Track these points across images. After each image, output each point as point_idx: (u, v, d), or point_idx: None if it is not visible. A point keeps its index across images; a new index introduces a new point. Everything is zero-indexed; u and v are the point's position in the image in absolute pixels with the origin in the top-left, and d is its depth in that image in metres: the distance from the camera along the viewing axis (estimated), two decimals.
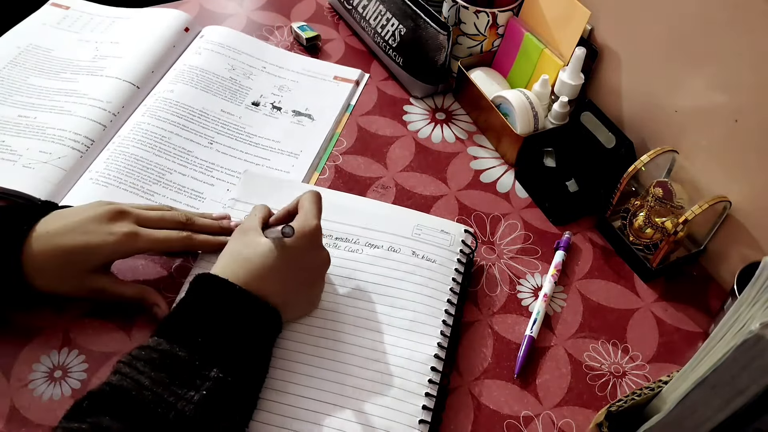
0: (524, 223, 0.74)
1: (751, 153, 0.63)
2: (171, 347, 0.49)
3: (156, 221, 0.61)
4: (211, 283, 0.53)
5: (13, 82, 0.79)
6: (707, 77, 0.65)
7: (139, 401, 0.46)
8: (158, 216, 0.61)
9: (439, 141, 0.82)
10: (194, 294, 0.53)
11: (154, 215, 0.61)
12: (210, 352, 0.49)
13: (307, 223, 0.56)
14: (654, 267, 0.68)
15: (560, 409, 0.59)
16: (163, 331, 0.50)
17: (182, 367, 0.48)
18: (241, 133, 0.79)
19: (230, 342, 0.51)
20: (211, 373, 0.48)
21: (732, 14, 0.61)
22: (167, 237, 0.60)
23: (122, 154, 0.72)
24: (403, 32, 0.84)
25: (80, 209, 0.59)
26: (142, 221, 0.60)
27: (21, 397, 0.55)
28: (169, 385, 0.47)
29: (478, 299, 0.66)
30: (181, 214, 0.62)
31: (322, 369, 0.57)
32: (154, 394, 0.46)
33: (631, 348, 0.64)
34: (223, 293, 0.53)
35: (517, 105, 0.76)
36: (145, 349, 0.49)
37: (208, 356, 0.49)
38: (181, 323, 0.51)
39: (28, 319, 0.60)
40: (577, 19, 0.76)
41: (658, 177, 0.72)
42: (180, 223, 0.62)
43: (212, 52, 0.86)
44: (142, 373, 0.47)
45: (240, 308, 0.52)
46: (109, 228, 0.57)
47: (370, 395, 0.56)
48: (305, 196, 0.59)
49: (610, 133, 0.74)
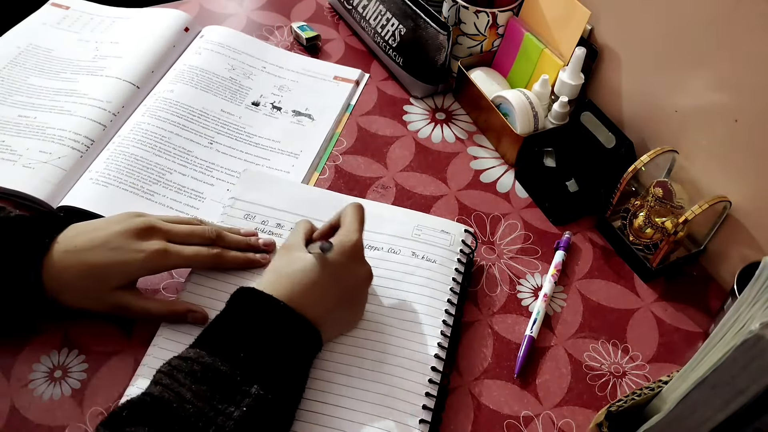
0: (524, 223, 0.74)
1: (751, 153, 0.63)
2: (213, 360, 0.48)
3: (185, 236, 0.60)
4: (254, 298, 0.52)
5: (13, 82, 0.79)
6: (707, 77, 0.65)
7: (179, 414, 0.45)
8: (188, 231, 0.60)
9: (439, 141, 0.82)
10: (237, 307, 0.53)
11: (184, 230, 0.60)
12: (251, 368, 0.48)
13: (348, 237, 0.56)
14: (654, 267, 0.68)
15: (560, 409, 0.59)
16: (204, 343, 0.50)
17: (224, 382, 0.47)
18: (241, 133, 0.79)
19: (272, 359, 0.50)
20: (251, 389, 0.47)
21: (732, 14, 0.61)
22: (197, 253, 0.59)
23: (122, 154, 0.72)
24: (403, 32, 0.84)
25: (108, 223, 0.58)
26: (171, 236, 0.59)
27: (21, 397, 0.55)
28: (210, 400, 0.46)
29: (478, 299, 0.66)
30: (210, 230, 0.61)
31: (322, 370, 0.57)
32: (195, 407, 0.45)
33: (631, 348, 0.64)
34: (266, 309, 0.52)
35: (517, 105, 0.76)
36: (186, 360, 0.48)
37: (250, 372, 0.48)
38: (223, 336, 0.50)
39: (28, 320, 0.59)
40: (577, 19, 0.76)
41: (658, 177, 0.72)
42: (209, 239, 0.61)
43: (212, 52, 0.86)
44: (183, 386, 0.46)
45: (283, 325, 0.52)
46: (138, 245, 0.56)
47: (371, 395, 0.56)
48: (347, 210, 0.58)
49: (610, 133, 0.74)
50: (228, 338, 0.50)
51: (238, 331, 0.51)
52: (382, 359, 0.58)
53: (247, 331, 0.51)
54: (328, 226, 0.60)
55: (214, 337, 0.51)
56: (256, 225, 0.67)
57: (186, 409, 0.45)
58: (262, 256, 0.64)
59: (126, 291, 0.57)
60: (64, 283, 0.55)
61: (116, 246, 0.56)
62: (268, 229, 0.67)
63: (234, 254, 0.62)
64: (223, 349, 0.49)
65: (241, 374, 0.48)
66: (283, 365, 0.50)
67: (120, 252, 0.56)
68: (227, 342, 0.50)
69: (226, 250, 0.62)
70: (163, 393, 0.46)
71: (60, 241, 0.56)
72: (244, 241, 0.64)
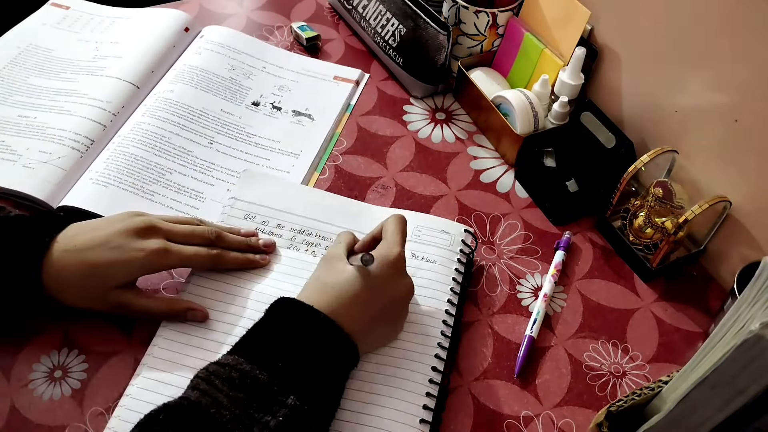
0: (524, 223, 0.74)
1: (751, 153, 0.63)
2: (252, 369, 0.47)
3: (185, 236, 0.60)
4: (295, 308, 0.52)
5: (13, 82, 0.79)
6: (707, 77, 0.65)
7: (216, 420, 0.45)
8: (188, 231, 0.60)
9: (439, 141, 0.82)
10: (277, 316, 0.52)
11: (184, 230, 0.60)
12: (289, 379, 0.48)
13: (390, 250, 0.56)
14: (654, 267, 0.68)
15: (560, 409, 0.59)
16: (243, 350, 0.49)
17: (261, 391, 0.47)
18: (241, 133, 0.79)
19: (309, 370, 0.49)
20: (288, 399, 0.47)
21: (732, 14, 0.61)
22: (197, 253, 0.60)
23: (122, 154, 0.72)
24: (403, 32, 0.84)
25: (108, 222, 0.58)
26: (171, 236, 0.59)
27: (21, 397, 0.55)
28: (246, 408, 0.46)
29: (478, 299, 0.66)
30: (210, 231, 0.61)
31: None
32: (232, 414, 0.45)
33: (631, 348, 0.64)
34: (306, 320, 0.51)
35: (517, 105, 0.76)
36: (224, 366, 0.48)
37: (287, 382, 0.48)
38: (262, 345, 0.50)
39: (28, 320, 0.60)
40: (577, 19, 0.76)
41: (658, 177, 0.72)
42: (209, 240, 0.61)
43: (212, 52, 0.86)
44: (221, 392, 0.46)
45: (322, 337, 0.51)
46: (138, 244, 0.56)
47: (371, 395, 0.56)
48: (389, 221, 0.58)
49: (610, 133, 0.74)
50: (267, 347, 0.50)
51: (277, 340, 0.50)
52: (381, 360, 0.58)
53: (286, 341, 0.50)
54: (369, 237, 0.60)
55: (254, 344, 0.50)
56: (256, 225, 0.67)
57: (223, 416, 0.45)
58: (261, 257, 0.64)
59: (126, 290, 0.57)
60: (63, 282, 0.55)
61: (116, 245, 0.56)
62: (268, 230, 0.67)
63: (234, 255, 0.62)
64: (262, 357, 0.49)
65: (278, 384, 0.47)
66: (320, 377, 0.50)
67: (120, 251, 0.56)
68: (266, 351, 0.49)
69: (226, 251, 0.62)
70: (200, 398, 0.46)
71: (60, 241, 0.56)
72: (244, 241, 0.64)
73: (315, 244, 0.66)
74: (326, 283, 0.54)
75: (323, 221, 0.68)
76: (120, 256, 0.56)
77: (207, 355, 0.57)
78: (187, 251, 0.59)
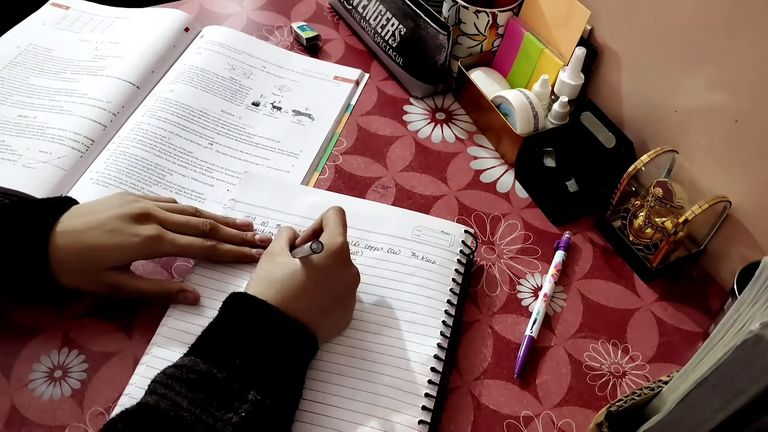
0: (524, 223, 0.74)
1: (751, 153, 0.63)
2: (209, 368, 0.48)
3: (180, 226, 0.60)
4: (247, 303, 0.53)
5: (13, 82, 0.79)
6: (707, 77, 0.65)
7: (177, 423, 0.45)
8: (183, 221, 0.61)
9: (439, 141, 0.82)
10: (230, 313, 0.53)
11: (179, 220, 0.61)
12: (248, 374, 0.48)
13: (333, 240, 0.56)
14: (654, 267, 0.68)
15: (560, 409, 0.59)
16: (198, 351, 0.50)
17: (220, 389, 0.47)
18: (241, 133, 0.79)
19: (268, 364, 0.50)
20: (248, 395, 0.47)
21: (732, 14, 0.61)
22: (191, 243, 0.60)
23: (122, 154, 0.72)
24: (403, 32, 0.84)
25: (107, 206, 0.59)
26: (166, 225, 0.60)
27: (21, 397, 0.55)
28: (207, 407, 0.46)
29: (478, 299, 0.66)
30: (205, 223, 0.62)
31: (322, 371, 0.57)
32: (193, 415, 0.45)
33: (631, 348, 0.64)
34: (260, 314, 0.52)
35: (517, 105, 0.76)
36: (181, 368, 0.48)
37: (246, 378, 0.48)
38: (218, 343, 0.50)
39: (28, 319, 0.60)
40: (577, 19, 0.76)
41: (658, 177, 0.72)
42: (203, 232, 0.62)
43: (212, 52, 0.86)
44: (179, 394, 0.46)
45: (278, 330, 0.52)
46: (134, 229, 0.57)
47: (370, 396, 0.56)
48: (329, 213, 0.58)
49: (610, 133, 0.74)
50: (223, 345, 0.50)
51: (232, 337, 0.51)
52: (381, 360, 0.58)
53: (241, 337, 0.51)
54: (310, 230, 0.60)
55: (209, 344, 0.51)
56: (256, 226, 0.67)
57: (183, 417, 0.45)
58: (257, 251, 0.64)
59: (119, 271, 0.59)
60: (62, 262, 0.56)
61: (112, 229, 0.57)
62: (268, 230, 0.67)
63: (228, 247, 0.63)
64: (219, 356, 0.49)
65: (237, 381, 0.48)
66: (279, 370, 0.50)
67: (115, 234, 0.57)
68: (222, 349, 0.50)
69: (221, 243, 0.62)
70: (159, 402, 0.46)
71: (62, 222, 0.57)
72: (239, 236, 0.64)
73: None
74: (273, 277, 0.55)
75: None
76: (115, 240, 0.57)
77: None
78: (181, 240, 0.60)
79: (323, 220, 0.59)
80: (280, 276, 0.54)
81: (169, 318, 0.60)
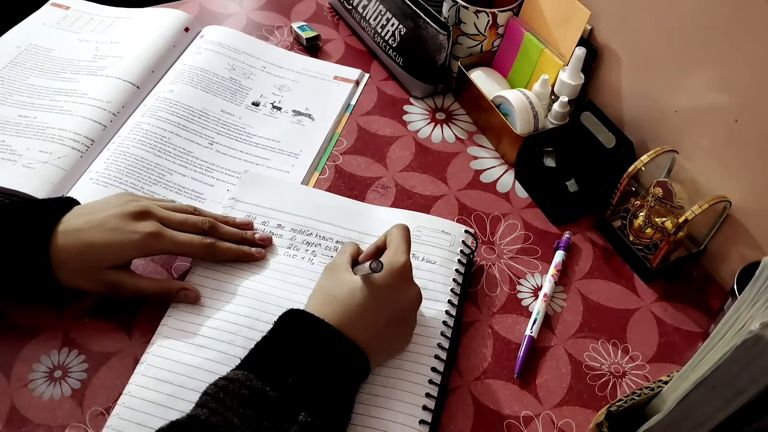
0: (524, 223, 0.74)
1: (751, 153, 0.63)
2: (262, 385, 0.47)
3: (179, 224, 0.61)
4: (304, 321, 0.52)
5: (13, 82, 0.79)
6: (707, 77, 0.65)
7: None
8: (182, 219, 0.61)
9: (439, 141, 0.82)
10: (287, 329, 0.52)
11: (178, 218, 0.61)
12: (300, 395, 0.48)
13: (396, 258, 0.55)
14: (654, 267, 0.68)
15: (560, 409, 0.59)
16: (252, 365, 0.49)
17: (272, 408, 0.46)
18: (241, 133, 0.79)
19: (320, 385, 0.49)
20: (299, 416, 0.47)
21: (732, 14, 0.61)
22: (190, 241, 0.60)
23: (122, 154, 0.72)
24: (403, 32, 0.84)
25: (106, 205, 0.59)
26: (165, 222, 0.60)
27: (21, 397, 0.55)
28: (257, 426, 0.45)
29: (478, 299, 0.66)
30: (203, 221, 0.62)
31: None
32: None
33: (631, 348, 0.64)
34: (317, 333, 0.51)
35: (517, 105, 0.76)
36: (233, 382, 0.47)
37: (298, 399, 0.47)
38: (272, 360, 0.50)
39: (28, 319, 0.60)
40: (577, 19, 0.76)
41: (658, 177, 0.72)
42: (202, 230, 0.62)
43: (212, 52, 0.86)
44: (230, 410, 0.45)
45: (333, 351, 0.51)
46: (133, 226, 0.58)
47: (370, 396, 0.56)
48: (393, 230, 0.58)
49: (610, 133, 0.74)
50: (277, 362, 0.49)
51: (287, 354, 0.50)
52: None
53: (296, 356, 0.50)
54: (373, 248, 0.59)
55: (263, 359, 0.50)
56: (256, 225, 0.67)
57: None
58: (257, 251, 0.64)
59: (119, 270, 0.59)
60: (62, 261, 0.56)
61: (112, 227, 0.57)
62: (268, 230, 0.67)
63: (227, 246, 0.63)
64: (272, 373, 0.48)
65: (289, 401, 0.47)
66: (331, 393, 0.50)
67: (115, 232, 0.57)
68: (276, 366, 0.49)
69: (220, 241, 0.62)
70: (211, 417, 0.45)
71: (63, 221, 0.57)
72: (238, 234, 0.64)
73: (315, 244, 0.66)
74: (332, 294, 0.54)
75: (323, 221, 0.68)
76: (115, 238, 0.57)
77: (207, 354, 0.57)
78: (180, 237, 0.60)
79: (387, 237, 0.58)
80: (340, 294, 0.53)
81: (170, 318, 0.60)
